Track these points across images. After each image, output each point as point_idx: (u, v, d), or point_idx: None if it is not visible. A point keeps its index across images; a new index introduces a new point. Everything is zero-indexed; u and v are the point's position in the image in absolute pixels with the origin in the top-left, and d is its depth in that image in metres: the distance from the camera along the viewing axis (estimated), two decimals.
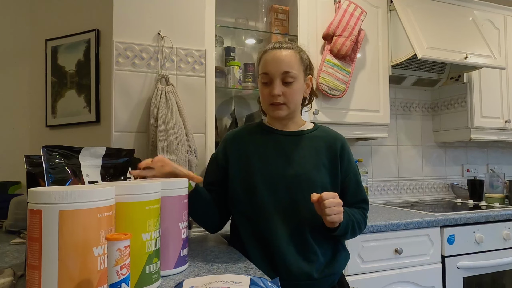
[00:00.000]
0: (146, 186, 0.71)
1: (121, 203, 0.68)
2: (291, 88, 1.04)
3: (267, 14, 1.94)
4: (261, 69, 1.08)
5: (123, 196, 0.68)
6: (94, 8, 1.43)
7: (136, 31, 1.28)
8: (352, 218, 1.03)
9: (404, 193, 2.43)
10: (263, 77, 1.07)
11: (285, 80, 1.04)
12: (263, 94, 1.08)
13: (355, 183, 1.11)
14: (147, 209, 0.71)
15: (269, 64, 1.05)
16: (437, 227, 1.66)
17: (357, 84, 1.93)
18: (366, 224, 1.12)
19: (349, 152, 1.13)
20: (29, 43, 1.66)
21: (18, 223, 1.30)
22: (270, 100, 1.05)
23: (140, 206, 0.70)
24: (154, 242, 0.72)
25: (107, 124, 1.34)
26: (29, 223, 0.58)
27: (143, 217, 0.70)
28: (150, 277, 0.71)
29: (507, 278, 1.78)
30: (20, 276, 0.78)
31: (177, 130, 1.23)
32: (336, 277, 1.06)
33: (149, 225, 0.71)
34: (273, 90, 1.03)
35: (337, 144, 1.10)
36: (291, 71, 1.03)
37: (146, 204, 0.71)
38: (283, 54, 1.05)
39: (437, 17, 2.03)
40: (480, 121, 2.24)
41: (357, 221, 1.05)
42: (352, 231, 1.04)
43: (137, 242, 0.69)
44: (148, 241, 0.71)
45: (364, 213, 1.12)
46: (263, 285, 0.63)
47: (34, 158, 0.83)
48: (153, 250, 0.72)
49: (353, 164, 1.13)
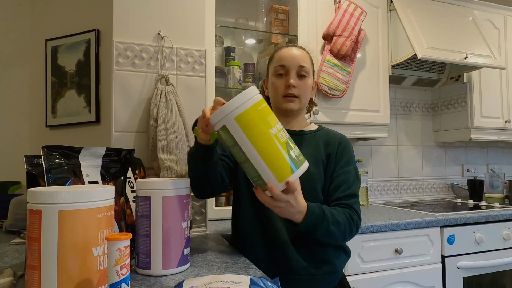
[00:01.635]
0: None
1: None
2: (304, 82, 1.08)
3: (267, 14, 1.94)
4: (277, 62, 1.10)
5: None
6: (94, 8, 1.43)
7: (136, 31, 1.28)
8: (322, 214, 0.91)
9: (404, 193, 2.43)
10: (278, 69, 1.08)
11: (300, 73, 1.07)
12: (276, 86, 1.09)
13: (344, 178, 1.03)
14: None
15: (285, 58, 1.08)
16: (437, 227, 1.66)
17: (357, 84, 1.93)
18: (353, 226, 0.97)
19: (347, 151, 1.08)
20: (29, 43, 1.66)
21: (18, 223, 1.30)
22: (285, 92, 1.07)
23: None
24: (283, 132, 0.77)
25: (107, 124, 1.34)
26: (29, 223, 0.58)
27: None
28: (297, 159, 0.76)
29: (507, 278, 1.78)
30: (20, 276, 0.78)
31: (177, 130, 1.23)
32: (337, 276, 1.06)
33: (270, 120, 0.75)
34: (289, 80, 1.06)
35: (335, 141, 1.09)
36: (306, 66, 1.08)
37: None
38: (298, 51, 1.10)
39: (437, 17, 2.03)
40: (480, 121, 2.24)
41: (334, 215, 0.94)
42: (326, 231, 0.92)
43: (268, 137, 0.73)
44: (278, 133, 0.75)
45: (349, 214, 0.98)
46: (263, 285, 0.63)
47: (34, 158, 0.83)
48: (286, 139, 0.77)
49: (352, 165, 1.08)
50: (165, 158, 1.19)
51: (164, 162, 1.18)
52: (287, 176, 0.75)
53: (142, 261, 0.81)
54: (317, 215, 0.90)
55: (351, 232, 0.98)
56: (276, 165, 0.74)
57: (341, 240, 0.98)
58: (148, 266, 0.80)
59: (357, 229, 1.00)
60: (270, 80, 1.12)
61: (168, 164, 1.17)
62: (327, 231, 0.92)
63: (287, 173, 0.75)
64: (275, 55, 1.12)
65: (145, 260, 0.81)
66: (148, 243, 0.81)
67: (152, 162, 1.23)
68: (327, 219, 0.91)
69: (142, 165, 1.20)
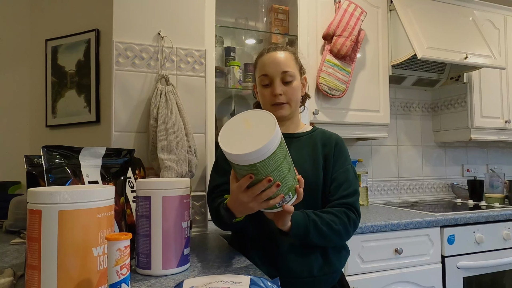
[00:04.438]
0: None
1: None
2: (291, 87, 1.07)
3: (267, 14, 1.94)
4: (260, 71, 1.10)
5: None
6: (94, 8, 1.43)
7: (136, 31, 1.28)
8: (313, 219, 0.94)
9: (404, 193, 2.43)
10: (263, 79, 1.08)
11: (285, 79, 1.06)
12: (264, 95, 1.09)
13: (343, 178, 1.04)
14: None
15: (267, 65, 1.07)
16: (437, 227, 1.66)
17: (357, 84, 1.93)
18: (350, 225, 0.98)
19: (343, 150, 1.10)
20: (29, 43, 1.66)
21: (18, 223, 1.30)
22: (272, 101, 1.07)
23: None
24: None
25: (107, 124, 1.34)
26: (29, 223, 0.58)
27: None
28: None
29: (507, 278, 1.78)
30: (20, 276, 0.78)
31: (177, 130, 1.23)
32: (336, 275, 1.06)
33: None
34: (274, 90, 1.05)
35: (332, 142, 1.10)
36: (289, 70, 1.06)
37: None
38: (280, 55, 1.08)
39: (437, 17, 2.03)
40: (480, 121, 2.24)
41: (323, 217, 0.96)
42: (319, 234, 0.94)
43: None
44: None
45: (344, 211, 0.99)
46: (263, 285, 0.63)
47: (34, 158, 0.83)
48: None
49: (348, 163, 1.09)
50: (165, 158, 1.19)
51: (164, 162, 1.18)
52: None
53: (142, 261, 0.81)
54: (302, 220, 0.93)
55: (347, 231, 0.99)
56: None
57: (338, 240, 0.99)
58: (148, 266, 0.80)
59: (354, 227, 1.01)
60: (258, 88, 1.13)
61: (168, 164, 1.17)
62: (319, 234, 0.94)
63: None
64: (258, 62, 1.12)
65: (145, 260, 0.81)
66: (148, 243, 0.81)
67: (152, 162, 1.23)
68: (315, 222, 0.94)
69: (142, 165, 1.20)
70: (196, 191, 1.31)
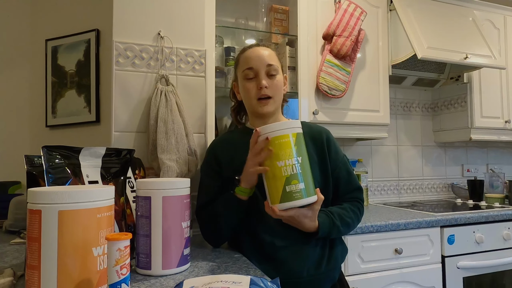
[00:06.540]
0: None
1: None
2: (275, 81, 1.09)
3: (267, 14, 1.93)
4: (244, 65, 1.10)
5: None
6: (94, 8, 1.43)
7: (136, 31, 1.28)
8: (334, 218, 1.02)
9: (404, 193, 2.43)
10: (247, 73, 1.09)
11: (269, 72, 1.08)
12: (248, 90, 1.09)
13: (346, 172, 1.11)
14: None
15: (252, 59, 1.09)
16: (437, 227, 1.66)
17: (357, 84, 1.93)
18: (361, 215, 1.10)
19: (335, 143, 1.14)
20: (29, 43, 1.66)
21: (18, 223, 1.30)
22: (258, 94, 1.07)
23: None
24: (291, 168, 0.86)
25: (107, 124, 1.34)
26: (29, 223, 0.58)
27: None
28: (291, 195, 0.86)
29: (507, 278, 1.78)
30: (20, 276, 0.78)
31: (177, 130, 1.23)
32: (336, 272, 1.06)
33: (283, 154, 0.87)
34: (260, 82, 1.06)
35: (322, 136, 1.11)
36: (274, 64, 1.08)
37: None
38: (263, 50, 1.10)
39: (437, 17, 2.03)
40: (480, 121, 2.24)
41: (344, 218, 1.04)
42: (338, 230, 1.02)
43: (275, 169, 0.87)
44: (283, 167, 0.86)
45: (357, 205, 1.10)
46: (263, 285, 0.63)
47: (34, 158, 0.83)
48: (290, 174, 0.86)
49: (341, 154, 1.13)
50: (165, 158, 1.19)
51: (164, 162, 1.18)
52: (274, 203, 0.89)
53: (142, 261, 0.81)
54: (328, 225, 1.00)
55: (359, 221, 1.11)
56: (270, 192, 0.90)
57: (351, 230, 1.11)
58: (148, 266, 0.81)
59: (362, 215, 1.12)
60: (240, 84, 1.13)
61: (168, 164, 1.18)
62: (339, 229, 1.02)
63: (274, 201, 0.89)
64: (241, 58, 1.12)
65: (145, 260, 0.81)
66: (148, 243, 0.81)
67: (152, 162, 1.23)
68: (333, 220, 1.01)
69: (142, 165, 1.20)
70: (196, 191, 1.31)
